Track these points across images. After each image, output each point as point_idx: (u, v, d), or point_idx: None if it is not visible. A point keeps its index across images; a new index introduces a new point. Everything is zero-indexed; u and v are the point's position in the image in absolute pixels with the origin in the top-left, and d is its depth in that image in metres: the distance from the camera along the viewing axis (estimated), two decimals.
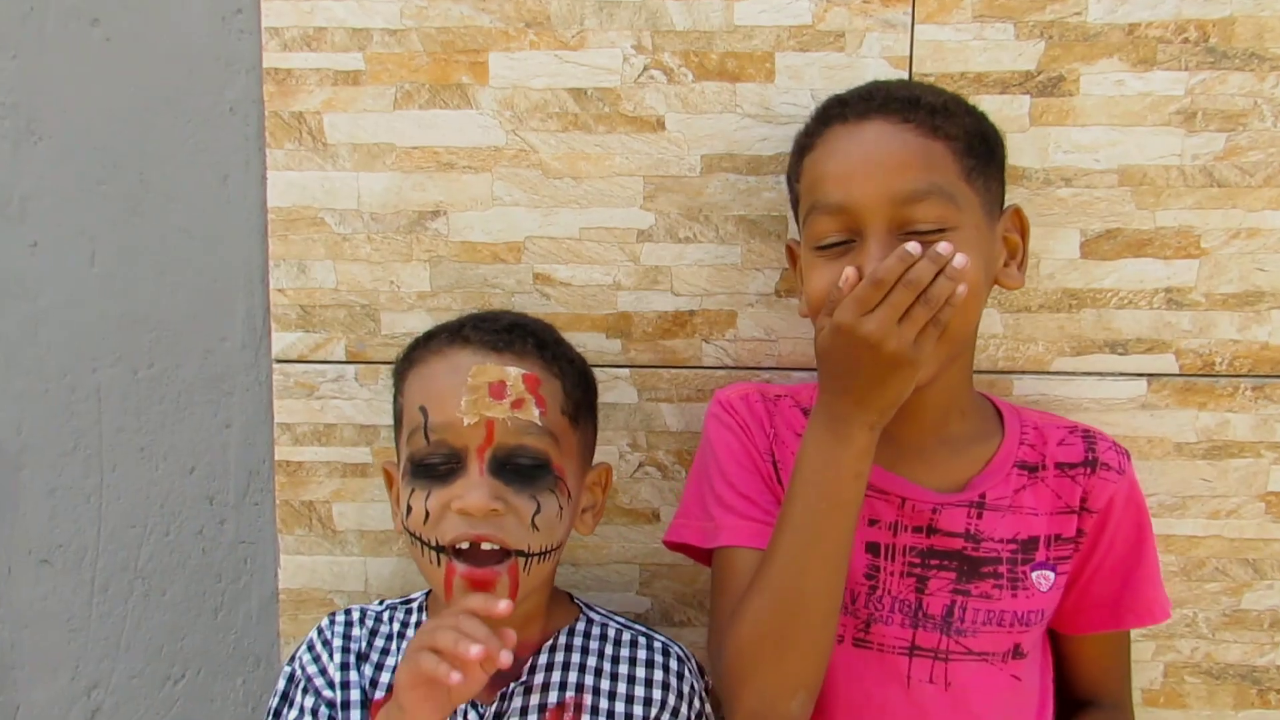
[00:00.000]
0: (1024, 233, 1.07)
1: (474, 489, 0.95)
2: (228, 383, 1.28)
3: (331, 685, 1.03)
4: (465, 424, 0.97)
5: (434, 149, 1.22)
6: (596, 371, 1.21)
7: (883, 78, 1.16)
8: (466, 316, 1.09)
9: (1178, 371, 1.21)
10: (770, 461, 1.08)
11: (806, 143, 1.05)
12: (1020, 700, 1.08)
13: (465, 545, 0.96)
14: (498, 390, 0.98)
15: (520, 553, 0.97)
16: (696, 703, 1.06)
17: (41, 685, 1.31)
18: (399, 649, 1.05)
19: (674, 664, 1.06)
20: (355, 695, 1.03)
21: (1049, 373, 1.21)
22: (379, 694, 1.02)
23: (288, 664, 1.07)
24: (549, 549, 0.99)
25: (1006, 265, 1.04)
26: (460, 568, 0.96)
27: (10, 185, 1.25)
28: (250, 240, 1.26)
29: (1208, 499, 1.21)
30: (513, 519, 0.97)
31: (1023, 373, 1.21)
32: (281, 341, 1.26)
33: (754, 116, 1.20)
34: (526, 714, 1.01)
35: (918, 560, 1.04)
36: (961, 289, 0.88)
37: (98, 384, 1.28)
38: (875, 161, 0.97)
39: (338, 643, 1.05)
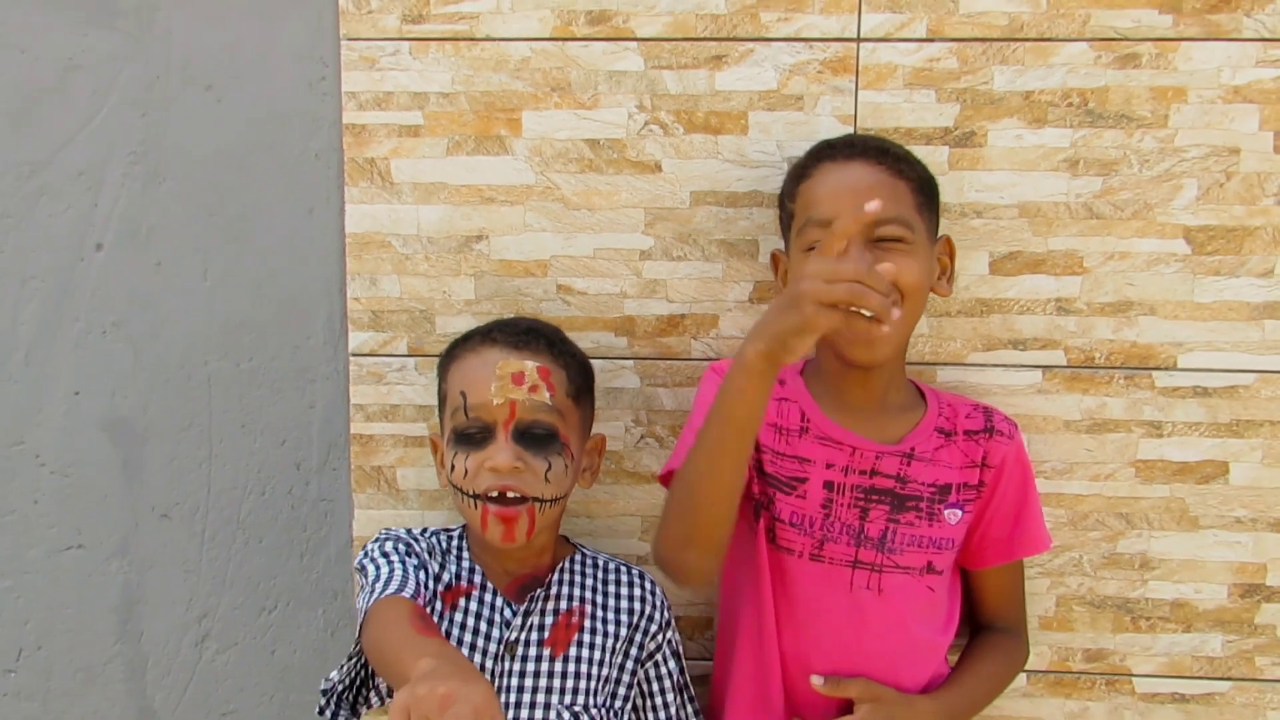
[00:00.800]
0: (952, 255, 1.32)
1: (501, 452, 1.19)
2: (312, 372, 1.46)
3: (429, 553, 1.23)
4: (494, 404, 1.19)
5: (478, 187, 1.41)
6: (606, 363, 1.41)
7: (834, 132, 1.36)
8: (494, 322, 1.30)
9: (1066, 364, 1.40)
10: None
11: (802, 173, 1.27)
12: (933, 607, 1.31)
13: (495, 494, 1.19)
14: (518, 379, 1.21)
15: (536, 499, 1.20)
16: (666, 613, 1.32)
17: (163, 616, 1.50)
18: (453, 561, 1.26)
19: (648, 584, 1.33)
20: (429, 584, 1.21)
21: (965, 364, 1.41)
22: (442, 586, 1.22)
23: (376, 543, 1.23)
24: (557, 497, 1.23)
25: (939, 279, 1.30)
26: (492, 508, 1.20)
27: (139, 217, 1.44)
28: (331, 259, 1.44)
29: (1090, 465, 1.40)
30: (530, 475, 1.20)
31: (944, 364, 1.41)
32: (356, 339, 1.44)
33: (732, 161, 1.39)
34: (545, 615, 1.25)
35: (861, 495, 1.27)
36: (896, 313, 1.04)
37: (208, 374, 1.47)
38: (856, 190, 1.20)
39: (409, 537, 1.24)
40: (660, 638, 1.32)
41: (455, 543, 1.31)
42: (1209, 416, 1.41)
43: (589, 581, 1.31)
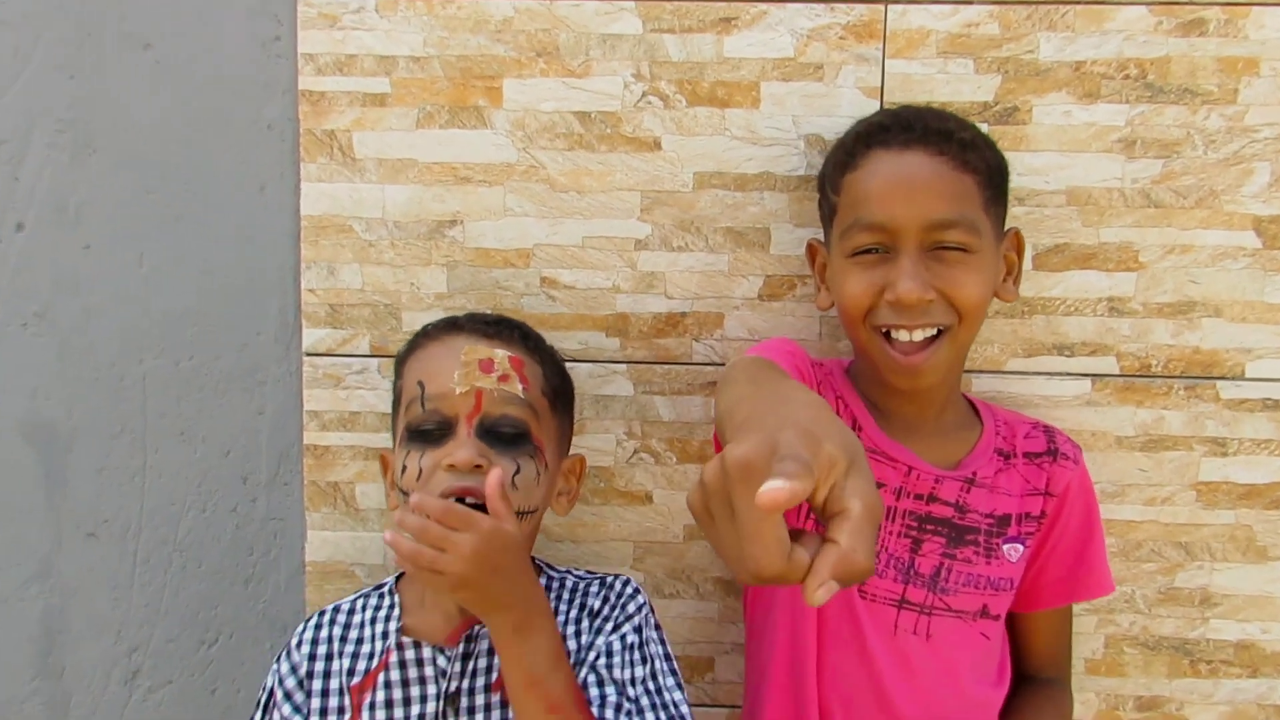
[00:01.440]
0: (1020, 251, 1.17)
1: (462, 447, 1.03)
2: (261, 373, 1.34)
3: (308, 692, 1.09)
4: (457, 393, 1.05)
5: (452, 164, 1.29)
6: (595, 367, 1.30)
7: (857, 107, 1.24)
8: (464, 314, 1.18)
9: (1118, 372, 1.28)
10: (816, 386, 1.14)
11: (848, 161, 1.12)
12: (986, 656, 1.17)
13: (452, 499, 1.00)
14: (487, 366, 1.07)
15: None
16: (626, 611, 1.10)
17: (87, 647, 1.36)
18: (371, 635, 1.11)
19: (619, 585, 1.13)
20: (334, 685, 1.08)
21: (1003, 372, 1.28)
22: (355, 680, 1.08)
23: (268, 676, 1.12)
24: (526, 510, 1.06)
25: (1004, 281, 1.15)
26: None
27: (68, 194, 1.31)
28: (284, 244, 1.32)
29: (1144, 487, 1.29)
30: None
31: (980, 371, 1.28)
32: (311, 336, 1.32)
33: (741, 139, 1.27)
34: (492, 655, 1.07)
35: (914, 524, 1.13)
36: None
37: (143, 373, 1.34)
38: (914, 188, 1.07)
39: (306, 650, 1.11)
40: (606, 631, 1.09)
41: (388, 600, 1.13)
42: None
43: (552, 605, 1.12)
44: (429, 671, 1.08)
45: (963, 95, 1.25)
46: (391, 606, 1.13)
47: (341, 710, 1.08)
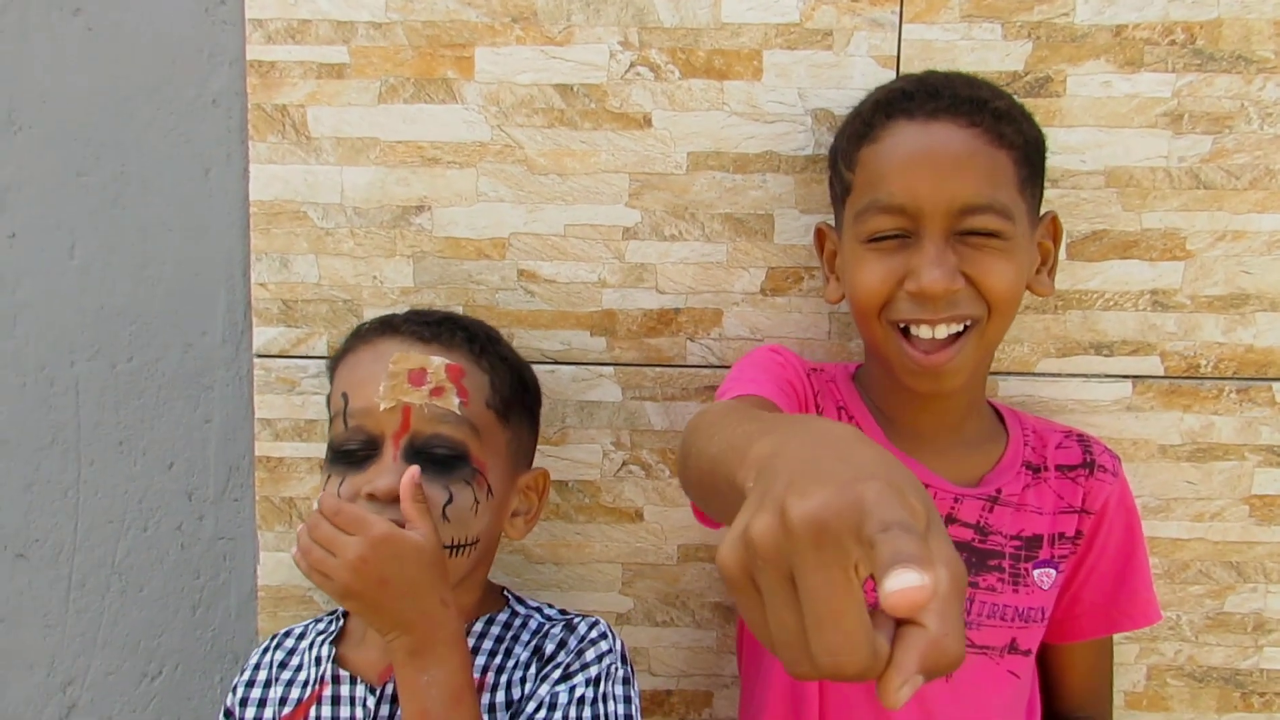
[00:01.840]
0: (1057, 239, 1.07)
1: (385, 473, 0.94)
2: (208, 377, 1.25)
3: None
4: (381, 409, 0.95)
5: (418, 144, 1.20)
6: (580, 370, 1.21)
7: (870, 77, 1.15)
8: (405, 311, 1.09)
9: (1163, 374, 1.20)
10: (812, 395, 1.06)
11: (865, 132, 1.02)
12: (1015, 697, 1.07)
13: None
14: (417, 377, 0.97)
15: None
16: (582, 659, 0.98)
17: (16, 681, 1.28)
18: (308, 661, 1.04)
19: (583, 628, 1.02)
20: (267, 714, 1.02)
21: (1034, 374, 1.20)
22: (287, 709, 1.01)
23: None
24: (461, 543, 0.96)
25: (1039, 272, 1.05)
26: None
27: None
28: (232, 234, 1.23)
29: (1192, 501, 1.20)
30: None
31: (1008, 374, 1.20)
32: (263, 336, 1.23)
33: (741, 114, 1.18)
34: None
35: None
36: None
37: (76, 377, 1.26)
38: (941, 166, 0.96)
39: (246, 676, 1.06)
40: (554, 679, 0.97)
41: (325, 634, 1.06)
42: None
43: (503, 646, 1.02)
44: (358, 712, 0.99)
45: (989, 64, 1.16)
46: (333, 633, 1.05)
47: None
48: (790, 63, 1.17)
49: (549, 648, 0.99)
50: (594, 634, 0.99)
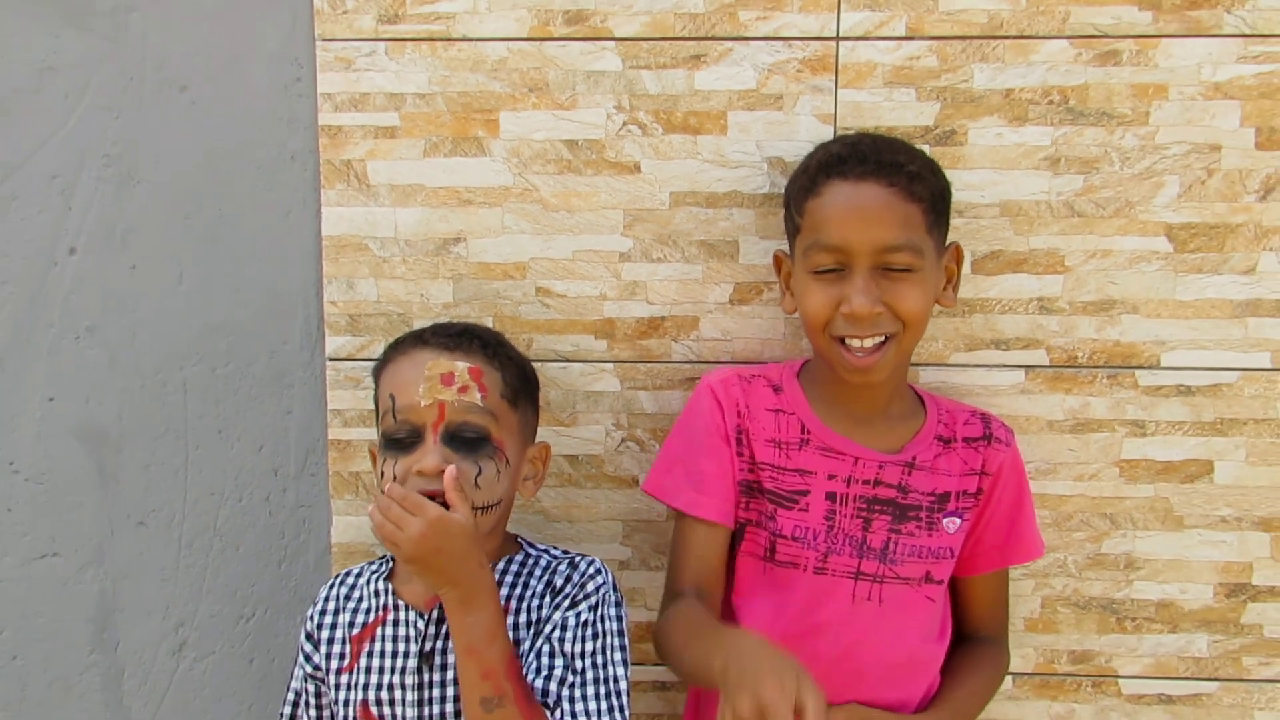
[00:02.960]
0: (959, 262, 1.30)
1: (429, 454, 1.14)
2: (289, 377, 1.44)
3: (317, 645, 1.24)
4: (422, 405, 1.15)
5: (456, 189, 1.39)
6: (586, 366, 1.41)
7: (814, 133, 1.36)
8: (429, 325, 1.27)
9: (1048, 364, 1.39)
10: (736, 438, 1.28)
11: (810, 188, 1.23)
12: (931, 617, 1.30)
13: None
14: (448, 379, 1.17)
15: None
16: (584, 590, 1.20)
17: (139, 625, 1.48)
18: (368, 593, 1.25)
19: (584, 565, 1.23)
20: (338, 635, 1.24)
21: (947, 364, 1.40)
22: (355, 631, 1.23)
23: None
24: (490, 504, 1.18)
25: (945, 289, 1.28)
26: None
27: (114, 220, 1.42)
28: (307, 262, 1.42)
29: (1073, 465, 1.40)
30: (460, 479, 1.14)
31: (927, 364, 1.40)
32: (333, 343, 1.43)
33: (711, 162, 1.38)
34: None
35: (864, 505, 1.26)
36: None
37: (184, 379, 1.45)
38: (867, 217, 1.19)
39: (319, 608, 1.27)
40: (564, 607, 1.20)
41: (379, 572, 1.28)
42: (1193, 415, 1.40)
43: (521, 579, 1.24)
44: (411, 632, 1.21)
45: (906, 120, 1.37)
46: (385, 571, 1.27)
47: (343, 656, 1.23)
48: (750, 121, 1.38)
49: (558, 581, 1.22)
50: (591, 570, 1.23)
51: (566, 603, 1.20)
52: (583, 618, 1.19)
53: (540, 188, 1.40)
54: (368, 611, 1.25)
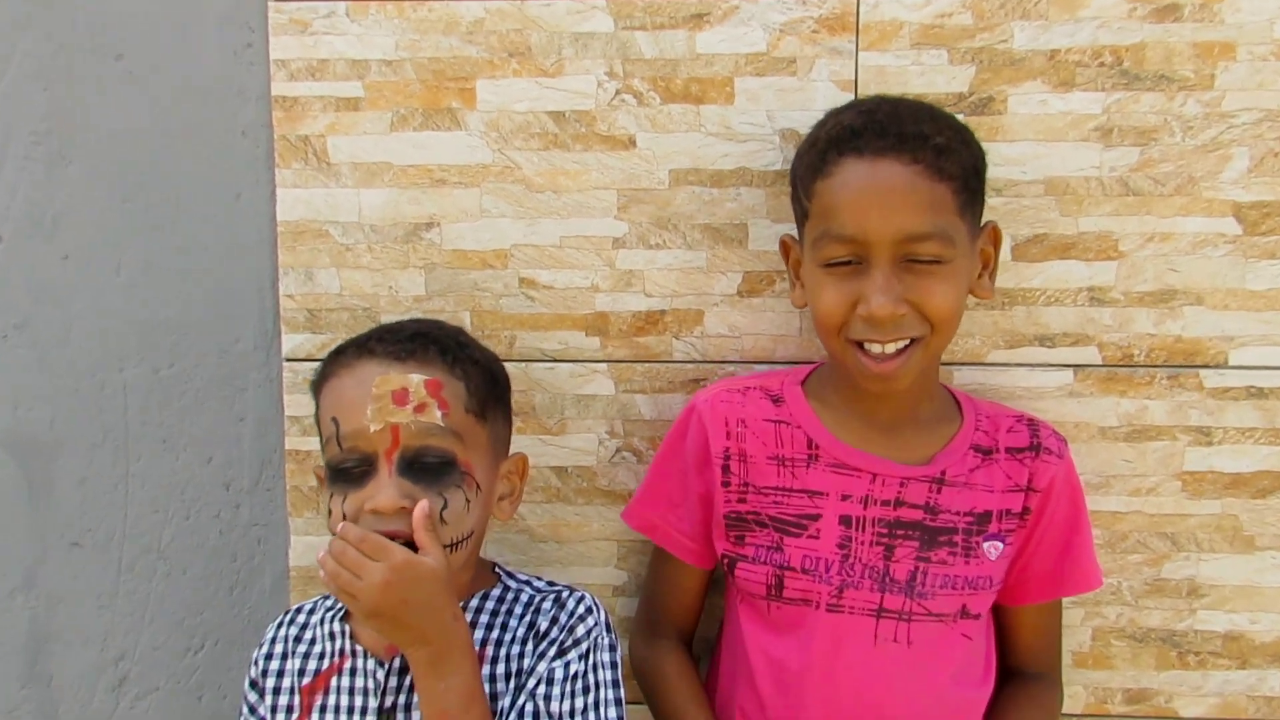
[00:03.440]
0: (997, 245, 1.16)
1: (383, 489, 0.99)
2: (242, 380, 1.35)
3: (262, 694, 1.11)
4: (371, 430, 1.00)
5: (427, 167, 1.29)
6: (576, 367, 1.30)
7: (832, 100, 1.23)
8: (374, 329, 1.13)
9: (1100, 363, 1.27)
10: (723, 465, 1.16)
11: (820, 166, 1.09)
12: (970, 657, 1.16)
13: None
14: (400, 397, 1.02)
15: None
16: (574, 635, 1.06)
17: (74, 657, 1.37)
18: (322, 635, 1.11)
19: (572, 603, 1.08)
20: (286, 684, 1.10)
21: (984, 364, 1.28)
22: (306, 680, 1.09)
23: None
24: (458, 540, 1.03)
25: (980, 277, 1.14)
26: None
27: (44, 204, 1.32)
28: (261, 251, 1.32)
29: (1129, 478, 1.28)
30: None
31: (961, 364, 1.28)
32: (290, 342, 1.32)
33: (716, 135, 1.27)
34: None
35: (885, 530, 1.12)
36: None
37: (124, 382, 1.35)
38: (888, 201, 1.05)
39: (264, 651, 1.13)
40: (549, 656, 1.06)
41: (335, 610, 1.14)
42: (1265, 421, 1.27)
43: (499, 620, 1.09)
44: (370, 684, 1.07)
45: (937, 87, 1.25)
46: (342, 609, 1.12)
47: (291, 709, 1.08)
48: (759, 88, 1.26)
49: (543, 623, 1.07)
50: (581, 609, 1.08)
51: (553, 650, 1.06)
52: (572, 669, 1.05)
53: (523, 165, 1.29)
54: (320, 657, 1.10)
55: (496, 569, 1.16)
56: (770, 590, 1.14)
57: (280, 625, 1.15)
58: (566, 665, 1.04)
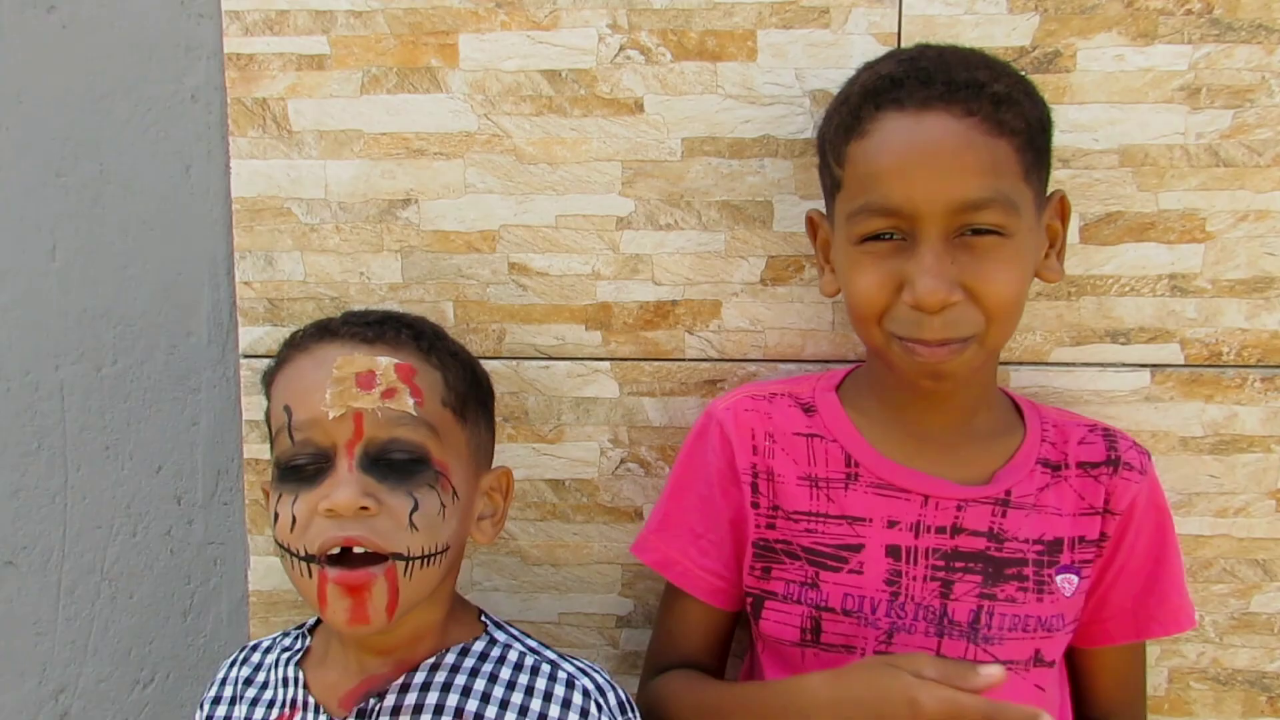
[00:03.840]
0: (1066, 220, 1.02)
1: (341, 486, 0.89)
2: (194, 379, 1.25)
3: None
4: (330, 418, 0.90)
5: (403, 135, 1.18)
6: (575, 365, 1.20)
7: (870, 54, 1.08)
8: (340, 314, 1.03)
9: (1183, 362, 1.16)
10: (752, 484, 1.04)
11: (854, 125, 0.97)
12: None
13: (336, 550, 0.89)
14: (366, 380, 0.92)
15: (398, 555, 0.89)
16: None
17: (8, 689, 1.28)
18: (274, 680, 1.00)
19: (577, 698, 0.94)
20: None
21: (1047, 363, 1.16)
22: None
23: None
24: (432, 552, 0.91)
25: (1047, 257, 1.00)
26: (332, 573, 0.88)
27: None
28: (214, 232, 1.22)
29: (1215, 496, 1.16)
30: (387, 519, 0.89)
31: (1020, 363, 1.16)
32: (249, 336, 1.22)
33: (736, 97, 1.15)
34: None
35: (942, 563, 0.99)
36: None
37: (60, 381, 1.25)
38: (938, 164, 0.91)
39: (213, 693, 1.03)
40: None
41: (298, 644, 1.02)
42: None
43: (480, 684, 0.94)
44: None
45: (994, 40, 1.11)
46: (299, 651, 1.01)
47: None
48: (786, 42, 1.14)
49: (534, 705, 0.92)
50: (602, 703, 0.93)
51: None
52: None
53: (513, 133, 1.18)
54: (270, 705, 0.98)
55: (483, 617, 1.02)
56: (805, 635, 1.00)
57: (233, 664, 1.04)
58: None
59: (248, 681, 1.01)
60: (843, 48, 1.13)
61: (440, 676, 0.93)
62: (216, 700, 1.01)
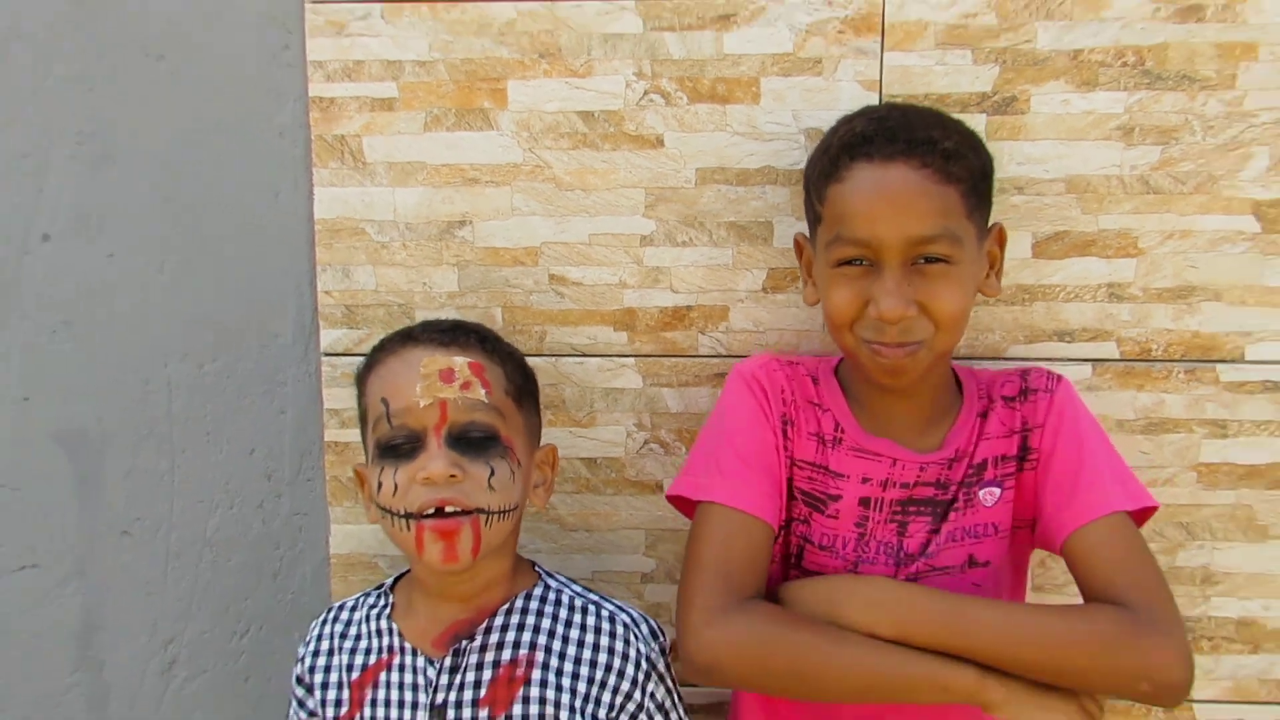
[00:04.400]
0: (1002, 245, 1.17)
1: (434, 459, 1.04)
2: (281, 374, 1.37)
3: (310, 689, 1.13)
4: (421, 406, 1.05)
5: (460, 166, 1.30)
6: (605, 361, 1.32)
7: (857, 100, 1.24)
8: (418, 323, 1.16)
9: (1119, 357, 1.28)
10: (782, 427, 1.16)
11: (832, 172, 1.11)
12: None
13: (431, 511, 1.04)
14: (447, 375, 1.07)
15: (480, 510, 1.05)
16: (645, 664, 1.10)
17: (124, 643, 1.40)
18: (368, 632, 1.13)
19: (620, 629, 1.11)
20: (334, 678, 1.12)
21: (1005, 358, 1.29)
22: (355, 675, 1.11)
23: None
24: (506, 508, 1.07)
25: (988, 277, 1.16)
26: (429, 524, 1.04)
27: (89, 203, 1.33)
28: (299, 248, 1.34)
29: (1146, 469, 1.28)
30: (470, 483, 1.05)
31: (981, 358, 1.29)
32: (328, 337, 1.34)
33: (742, 134, 1.28)
34: (481, 669, 1.08)
35: (899, 509, 1.15)
36: None
37: (168, 378, 1.37)
38: (897, 204, 1.06)
39: (311, 648, 1.15)
40: (639, 696, 1.10)
41: (381, 600, 1.16)
42: None
43: (545, 624, 1.12)
44: (420, 680, 1.09)
45: (961, 86, 1.26)
46: (386, 607, 1.15)
47: (340, 703, 1.11)
48: (785, 88, 1.27)
49: (603, 656, 1.09)
50: (641, 635, 1.11)
51: (627, 685, 1.09)
52: (661, 702, 1.11)
53: (553, 164, 1.31)
54: (368, 652, 1.13)
55: (536, 568, 1.18)
56: (791, 559, 1.17)
57: (325, 622, 1.17)
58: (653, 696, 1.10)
59: (342, 635, 1.15)
60: (833, 92, 1.26)
61: (515, 619, 1.11)
62: (315, 653, 1.15)
